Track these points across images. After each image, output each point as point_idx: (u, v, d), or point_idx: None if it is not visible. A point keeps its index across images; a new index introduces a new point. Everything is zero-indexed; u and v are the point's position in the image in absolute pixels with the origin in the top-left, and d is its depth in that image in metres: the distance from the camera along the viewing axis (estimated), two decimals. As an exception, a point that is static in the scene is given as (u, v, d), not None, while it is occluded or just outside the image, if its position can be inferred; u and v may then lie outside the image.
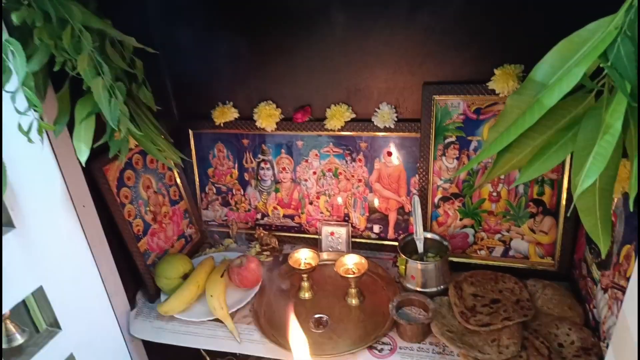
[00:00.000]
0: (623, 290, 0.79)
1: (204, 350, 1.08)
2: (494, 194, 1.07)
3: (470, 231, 1.12)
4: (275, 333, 0.99)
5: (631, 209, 0.58)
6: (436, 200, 1.12)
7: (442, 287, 1.02)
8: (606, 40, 0.54)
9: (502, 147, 0.64)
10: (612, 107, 0.55)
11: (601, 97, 0.60)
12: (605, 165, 0.56)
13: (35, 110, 0.70)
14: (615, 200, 0.85)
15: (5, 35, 0.64)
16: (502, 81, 0.97)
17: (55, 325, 0.84)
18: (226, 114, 1.20)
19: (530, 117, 0.61)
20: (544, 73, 0.64)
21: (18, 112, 0.65)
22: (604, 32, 0.54)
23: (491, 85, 0.98)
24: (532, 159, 0.65)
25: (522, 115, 0.62)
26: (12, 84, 0.64)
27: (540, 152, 0.65)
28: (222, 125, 1.21)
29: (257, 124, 1.18)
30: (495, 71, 0.98)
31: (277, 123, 1.18)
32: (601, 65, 0.55)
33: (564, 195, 1.01)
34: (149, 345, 1.11)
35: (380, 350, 0.93)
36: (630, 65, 0.52)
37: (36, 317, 0.85)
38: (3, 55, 0.61)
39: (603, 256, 0.64)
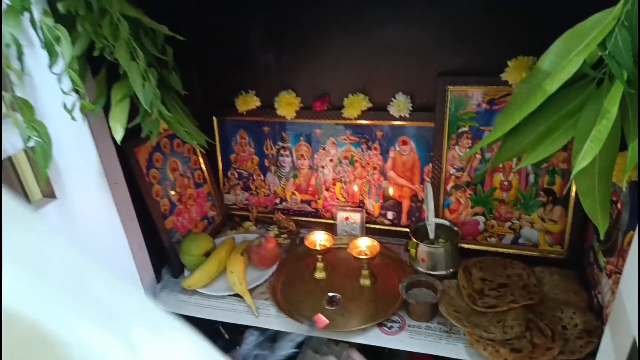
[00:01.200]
0: (625, 274, 0.82)
1: (223, 324, 1.14)
2: (505, 182, 1.10)
3: (481, 219, 1.15)
4: (291, 308, 1.05)
5: (624, 188, 0.61)
6: (448, 188, 1.16)
7: (451, 270, 1.06)
8: (604, 30, 0.57)
9: (507, 129, 0.68)
10: (610, 94, 0.59)
11: (602, 85, 0.63)
12: (601, 148, 0.59)
13: (77, 92, 0.77)
14: (623, 189, 0.88)
15: (52, 21, 0.71)
16: (515, 72, 1.00)
17: (89, 291, 0.92)
18: (249, 102, 1.26)
19: (533, 102, 0.64)
20: (550, 62, 0.67)
21: (63, 92, 0.72)
22: (603, 23, 0.58)
23: (504, 76, 1.01)
24: (536, 144, 0.69)
25: (526, 100, 0.65)
26: (59, 66, 0.71)
27: (544, 137, 0.68)
28: (244, 112, 1.27)
29: (278, 112, 1.24)
30: (509, 63, 1.00)
31: (296, 111, 1.23)
32: (599, 54, 0.58)
33: (574, 184, 1.04)
34: (172, 317, 1.18)
35: (390, 328, 0.98)
36: (627, 54, 0.56)
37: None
38: (51, 39, 0.68)
39: (602, 237, 0.67)
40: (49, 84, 0.75)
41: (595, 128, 0.58)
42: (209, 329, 1.20)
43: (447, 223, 1.12)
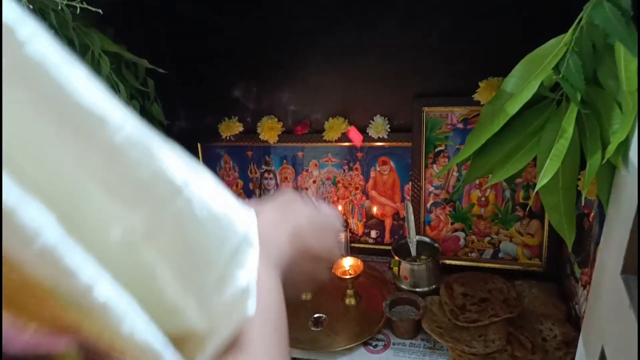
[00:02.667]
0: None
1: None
2: (482, 198, 1.14)
3: (461, 234, 1.18)
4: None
5: (582, 203, 0.64)
6: (428, 205, 1.19)
7: (433, 287, 1.08)
8: (558, 55, 0.61)
9: (474, 149, 0.71)
10: (567, 114, 0.62)
11: (560, 106, 0.67)
12: (563, 165, 0.63)
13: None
14: (582, 202, 0.91)
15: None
16: (486, 93, 1.04)
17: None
18: (232, 127, 1.29)
19: (496, 124, 0.68)
20: (512, 84, 0.72)
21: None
22: (556, 48, 0.62)
23: (476, 96, 1.06)
24: (503, 162, 0.72)
25: (491, 121, 0.69)
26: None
27: (509, 156, 0.72)
28: (228, 138, 1.30)
29: (261, 136, 1.26)
30: (480, 84, 1.05)
31: (278, 135, 1.26)
32: (554, 78, 0.62)
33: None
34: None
35: (375, 346, 0.99)
36: (579, 77, 0.60)
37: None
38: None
39: (569, 249, 0.70)
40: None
41: (554, 147, 0.62)
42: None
43: (427, 240, 1.15)
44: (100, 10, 0.72)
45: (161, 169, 0.26)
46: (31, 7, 0.72)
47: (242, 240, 0.31)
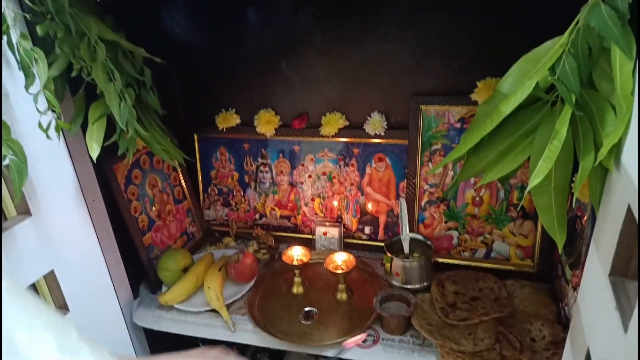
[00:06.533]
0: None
1: (201, 339, 1.15)
2: (477, 198, 1.14)
3: (454, 233, 1.18)
4: (268, 324, 1.06)
5: (575, 205, 0.64)
6: (423, 203, 1.19)
7: (425, 284, 1.09)
8: (553, 56, 0.61)
9: (467, 148, 0.71)
10: (560, 116, 0.62)
11: (555, 107, 0.67)
12: (555, 166, 0.63)
13: (53, 111, 0.78)
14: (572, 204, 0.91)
15: (30, 44, 0.73)
16: (484, 93, 1.04)
17: (64, 307, 0.92)
18: (229, 119, 1.29)
19: (490, 123, 0.68)
20: (508, 85, 0.72)
21: (39, 111, 0.74)
22: (552, 50, 0.62)
23: (474, 96, 1.05)
24: (495, 162, 0.72)
25: (484, 121, 0.69)
26: (35, 87, 0.73)
27: (502, 156, 0.72)
28: (225, 130, 1.30)
29: (257, 129, 1.26)
30: (478, 83, 1.05)
31: (275, 129, 1.26)
32: (549, 79, 0.62)
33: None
34: (149, 333, 1.18)
35: (364, 341, 1.00)
36: (574, 79, 0.59)
37: (46, 300, 0.93)
38: (28, 61, 0.70)
39: (560, 250, 0.70)
40: (27, 104, 0.77)
41: (547, 148, 0.62)
42: (189, 345, 1.20)
43: (420, 238, 1.15)
44: (97, -3, 0.72)
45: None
46: (28, -9, 0.72)
47: None
